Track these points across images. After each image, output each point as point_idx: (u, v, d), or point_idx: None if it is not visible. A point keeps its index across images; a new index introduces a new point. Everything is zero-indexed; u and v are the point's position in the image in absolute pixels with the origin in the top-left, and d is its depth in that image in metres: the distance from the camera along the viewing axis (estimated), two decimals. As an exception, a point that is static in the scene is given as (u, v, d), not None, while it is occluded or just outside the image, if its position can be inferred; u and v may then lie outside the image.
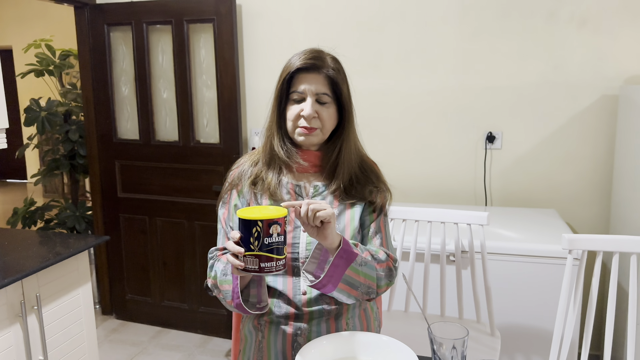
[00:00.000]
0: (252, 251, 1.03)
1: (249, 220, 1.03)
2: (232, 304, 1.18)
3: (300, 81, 1.23)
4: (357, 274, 1.18)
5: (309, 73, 1.23)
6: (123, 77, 3.17)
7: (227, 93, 2.92)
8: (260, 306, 1.21)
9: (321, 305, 1.24)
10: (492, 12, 2.64)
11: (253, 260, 1.04)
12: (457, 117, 2.77)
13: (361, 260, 1.18)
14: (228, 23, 2.84)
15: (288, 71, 1.23)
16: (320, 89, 1.23)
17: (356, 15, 2.83)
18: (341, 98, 1.26)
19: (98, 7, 3.09)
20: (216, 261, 1.28)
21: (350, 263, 1.16)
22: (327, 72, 1.24)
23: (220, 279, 1.22)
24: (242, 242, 1.04)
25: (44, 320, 1.98)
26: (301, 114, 1.23)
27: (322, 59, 1.24)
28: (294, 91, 1.23)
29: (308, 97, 1.23)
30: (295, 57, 1.25)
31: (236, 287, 1.16)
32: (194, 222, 3.12)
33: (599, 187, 2.64)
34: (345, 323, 1.28)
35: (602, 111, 2.58)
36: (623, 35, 2.49)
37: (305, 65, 1.22)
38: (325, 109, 1.25)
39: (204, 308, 3.18)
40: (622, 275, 2.31)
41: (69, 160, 3.63)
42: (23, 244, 2.14)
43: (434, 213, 2.00)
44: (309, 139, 1.25)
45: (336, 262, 1.14)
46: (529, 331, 2.15)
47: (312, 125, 1.23)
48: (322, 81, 1.24)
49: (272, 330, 1.26)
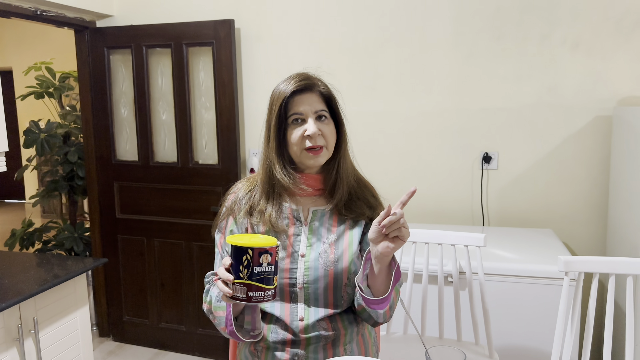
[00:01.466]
0: (241, 279, 1.01)
1: (239, 247, 1.02)
2: (226, 330, 1.18)
3: (296, 103, 1.24)
4: (396, 294, 1.22)
5: (303, 94, 1.25)
6: (122, 99, 3.20)
7: (226, 114, 2.95)
8: (254, 334, 1.20)
9: (318, 331, 1.24)
10: (487, 35, 2.68)
11: (242, 288, 1.02)
12: (453, 138, 2.80)
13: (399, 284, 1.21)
14: (227, 46, 2.89)
15: (284, 97, 1.24)
16: (318, 107, 1.25)
17: (353, 39, 2.87)
18: (337, 112, 1.29)
19: (98, 31, 3.14)
20: (212, 286, 1.28)
21: (396, 282, 1.18)
22: (320, 89, 1.27)
23: (215, 305, 1.22)
24: (232, 269, 1.03)
25: (41, 344, 1.97)
26: (305, 135, 1.23)
27: (311, 79, 1.27)
28: (293, 114, 1.24)
29: (309, 116, 1.24)
30: (285, 84, 1.26)
31: (229, 314, 1.15)
32: (192, 243, 3.12)
33: (595, 207, 2.65)
34: (343, 349, 1.28)
35: (597, 132, 2.61)
36: (615, 57, 2.53)
37: (299, 87, 1.24)
38: (326, 126, 1.26)
39: (202, 330, 3.16)
40: (620, 296, 2.31)
41: (67, 181, 3.64)
42: (21, 266, 2.14)
43: (432, 235, 2.01)
44: (317, 160, 1.26)
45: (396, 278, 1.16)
46: (527, 352, 2.14)
47: (318, 143, 1.24)
48: (317, 99, 1.26)
49: (268, 357, 1.26)
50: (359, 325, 1.32)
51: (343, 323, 1.27)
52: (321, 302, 1.25)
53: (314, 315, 1.24)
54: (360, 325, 1.32)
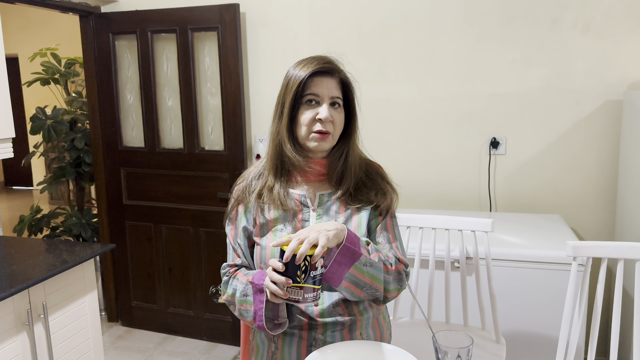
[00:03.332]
0: (298, 283, 1.06)
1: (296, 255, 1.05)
2: (254, 324, 1.19)
3: (315, 84, 1.23)
4: (362, 274, 1.17)
5: (324, 77, 1.23)
6: (128, 85, 3.19)
7: (232, 100, 2.94)
8: (279, 322, 1.22)
9: (334, 316, 1.24)
10: (496, 19, 2.64)
11: (297, 291, 1.06)
12: (461, 123, 2.77)
13: (366, 260, 1.17)
14: (232, 31, 2.86)
15: (304, 75, 1.21)
16: (334, 93, 1.24)
17: (360, 23, 2.84)
18: (352, 102, 1.28)
19: (103, 16, 3.12)
20: (232, 278, 1.28)
21: (353, 262, 1.15)
22: (340, 75, 1.25)
23: (240, 299, 1.23)
24: (287, 272, 1.06)
25: (51, 328, 1.99)
26: (317, 118, 1.22)
27: (334, 64, 1.26)
28: (310, 93, 1.22)
29: (324, 100, 1.23)
30: (306, 63, 1.24)
31: (260, 310, 1.17)
32: (199, 229, 3.13)
33: (603, 192, 2.63)
34: (360, 334, 1.28)
35: (606, 117, 2.58)
36: (627, 41, 2.49)
37: (321, 69, 1.23)
38: (338, 114, 1.25)
39: (210, 315, 3.19)
40: (628, 281, 2.30)
41: (74, 168, 3.65)
42: (30, 252, 2.15)
43: (438, 220, 2.00)
44: (321, 145, 1.25)
45: (338, 259, 1.13)
46: (534, 338, 2.14)
47: (327, 129, 1.23)
48: (335, 85, 1.25)
49: (286, 342, 1.26)
50: (373, 309, 1.32)
51: (358, 308, 1.28)
52: None
53: (328, 299, 1.24)
54: (375, 310, 1.33)
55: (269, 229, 1.27)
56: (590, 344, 1.67)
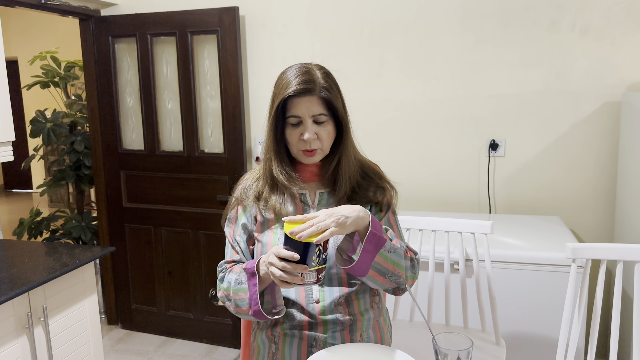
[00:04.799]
0: (313, 267, 1.10)
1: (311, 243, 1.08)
2: (250, 311, 1.19)
3: (295, 105, 1.22)
4: (386, 261, 1.18)
5: (303, 97, 1.22)
6: (128, 88, 3.20)
7: (231, 103, 2.94)
8: (277, 310, 1.22)
9: (335, 314, 1.25)
10: (495, 21, 2.65)
11: (312, 274, 1.11)
12: (460, 125, 2.78)
13: (390, 246, 1.18)
14: (232, 34, 2.87)
15: (281, 97, 1.21)
16: (315, 111, 1.22)
17: (359, 26, 2.85)
18: (337, 114, 1.26)
19: (103, 19, 3.13)
20: (227, 273, 1.30)
21: (379, 249, 1.15)
22: (320, 94, 1.22)
23: (235, 287, 1.23)
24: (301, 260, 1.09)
25: (51, 331, 1.99)
26: (302, 139, 1.23)
27: (313, 81, 1.22)
28: (291, 116, 1.23)
29: (306, 120, 1.22)
30: (288, 78, 1.23)
31: (254, 293, 1.17)
32: (198, 232, 3.13)
33: (603, 194, 2.64)
34: (360, 335, 1.29)
35: (605, 118, 2.58)
36: (625, 42, 2.50)
37: (298, 91, 1.21)
38: (323, 128, 1.25)
39: (210, 317, 3.19)
40: (627, 283, 2.30)
41: (74, 170, 3.65)
42: (30, 255, 2.15)
43: (438, 222, 2.00)
44: (311, 160, 1.28)
45: (366, 247, 1.14)
46: (534, 340, 2.15)
47: (313, 147, 1.24)
48: (316, 102, 1.22)
49: (286, 342, 1.27)
50: (374, 311, 1.33)
51: (359, 309, 1.29)
52: (335, 281, 1.26)
53: (329, 297, 1.25)
54: (376, 312, 1.34)
55: (269, 226, 1.29)
56: (590, 346, 1.67)
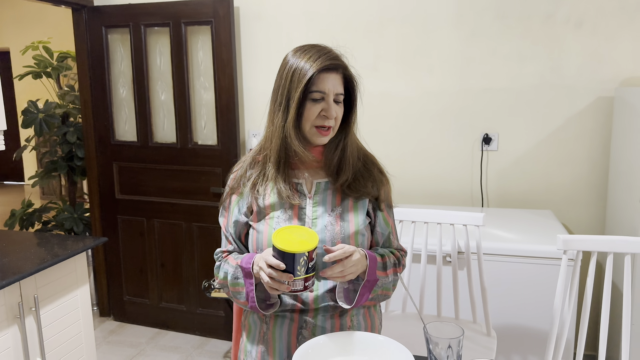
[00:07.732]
0: (299, 276, 1.12)
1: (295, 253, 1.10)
2: (247, 305, 1.24)
3: (322, 81, 1.21)
4: (376, 292, 1.26)
5: (330, 73, 1.22)
6: (121, 79, 3.18)
7: (225, 95, 2.93)
8: (271, 302, 1.25)
9: (327, 302, 1.27)
10: (490, 14, 2.65)
11: (299, 282, 1.13)
12: (454, 118, 2.78)
13: (382, 282, 1.26)
14: (226, 25, 2.85)
15: (312, 71, 1.19)
16: (339, 89, 1.24)
17: (354, 19, 2.84)
18: (353, 96, 1.28)
19: (96, 9, 3.10)
20: (223, 262, 1.32)
21: (372, 288, 1.24)
22: (345, 71, 1.25)
23: (232, 282, 1.27)
24: (287, 269, 1.11)
25: (42, 321, 1.98)
26: (324, 114, 1.22)
27: (341, 59, 1.25)
28: (316, 91, 1.21)
29: (330, 96, 1.22)
30: (311, 54, 1.22)
31: (251, 292, 1.22)
32: (191, 224, 3.12)
33: (594, 188, 2.65)
34: (350, 320, 1.30)
35: (598, 113, 2.59)
36: (619, 37, 2.51)
37: (330, 66, 1.21)
38: (340, 109, 1.26)
39: (202, 309, 3.19)
40: (617, 275, 2.32)
41: (66, 162, 3.63)
42: (21, 245, 2.14)
43: (430, 214, 2.01)
44: (323, 139, 1.26)
45: (362, 292, 1.22)
46: (524, 331, 2.16)
47: (330, 124, 1.24)
48: (340, 81, 1.24)
49: (277, 323, 1.28)
50: None
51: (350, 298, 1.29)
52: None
53: (323, 287, 1.26)
54: None
55: (265, 215, 1.28)
56: (579, 337, 1.68)
